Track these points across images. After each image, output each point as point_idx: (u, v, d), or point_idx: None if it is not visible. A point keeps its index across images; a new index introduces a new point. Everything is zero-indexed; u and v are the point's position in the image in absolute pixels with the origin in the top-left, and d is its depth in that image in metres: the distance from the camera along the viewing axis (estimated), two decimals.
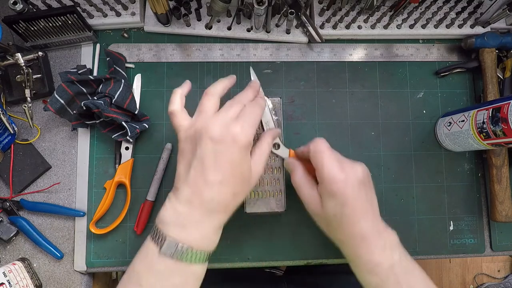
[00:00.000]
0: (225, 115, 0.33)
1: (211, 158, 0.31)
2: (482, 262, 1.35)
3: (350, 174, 0.34)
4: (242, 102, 0.34)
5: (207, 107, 0.33)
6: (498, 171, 0.49)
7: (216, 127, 0.31)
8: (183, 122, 0.34)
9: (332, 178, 0.33)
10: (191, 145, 0.33)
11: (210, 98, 0.34)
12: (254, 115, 0.34)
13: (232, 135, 0.31)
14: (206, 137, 0.31)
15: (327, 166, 0.34)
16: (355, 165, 0.35)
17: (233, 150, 0.31)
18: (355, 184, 0.34)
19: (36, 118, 0.50)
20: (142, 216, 0.47)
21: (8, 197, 0.48)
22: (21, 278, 0.44)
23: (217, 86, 0.35)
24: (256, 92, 0.37)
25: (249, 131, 0.32)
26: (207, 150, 0.31)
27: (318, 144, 0.36)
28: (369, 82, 0.53)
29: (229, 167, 0.32)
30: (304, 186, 0.37)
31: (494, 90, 0.50)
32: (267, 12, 0.47)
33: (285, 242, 0.50)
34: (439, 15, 0.53)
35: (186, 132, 0.33)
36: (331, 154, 0.35)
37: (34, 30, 0.46)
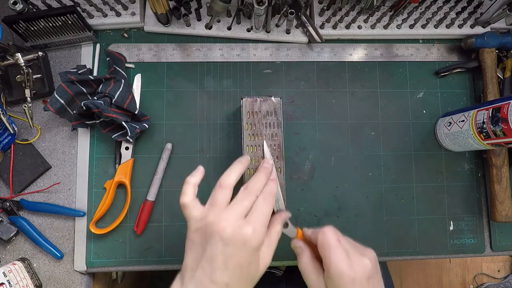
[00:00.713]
0: (237, 211, 0.32)
1: (220, 260, 0.31)
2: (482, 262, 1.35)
3: (359, 271, 0.33)
4: (254, 194, 0.34)
5: (219, 200, 0.33)
6: (498, 171, 0.49)
7: (228, 227, 0.31)
8: (195, 213, 0.33)
9: (340, 275, 0.33)
10: (201, 239, 0.32)
11: (223, 189, 0.34)
12: (266, 211, 0.34)
13: (243, 237, 0.31)
14: (217, 236, 0.31)
15: (334, 262, 0.33)
16: (364, 257, 0.34)
17: (243, 253, 0.31)
18: (363, 281, 0.33)
19: (36, 118, 0.50)
20: (142, 216, 0.47)
21: (8, 197, 0.48)
22: (21, 278, 0.44)
23: (231, 176, 0.35)
24: (269, 175, 0.37)
25: (260, 232, 0.32)
26: (217, 251, 0.31)
27: (326, 236, 0.35)
28: (369, 82, 0.53)
29: (238, 270, 0.31)
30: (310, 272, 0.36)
31: (494, 90, 0.50)
32: (267, 12, 0.47)
33: (285, 242, 0.49)
34: (439, 15, 0.53)
35: (197, 224, 0.33)
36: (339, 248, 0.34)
37: (34, 30, 0.46)
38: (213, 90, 0.52)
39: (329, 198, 0.51)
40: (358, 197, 0.51)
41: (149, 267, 0.48)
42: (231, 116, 0.51)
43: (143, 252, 0.48)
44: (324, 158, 0.51)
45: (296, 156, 0.51)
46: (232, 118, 0.51)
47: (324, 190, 0.51)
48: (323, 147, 0.51)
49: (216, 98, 0.51)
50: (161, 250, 0.48)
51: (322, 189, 0.51)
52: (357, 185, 0.51)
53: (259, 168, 0.37)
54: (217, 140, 0.50)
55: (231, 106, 0.51)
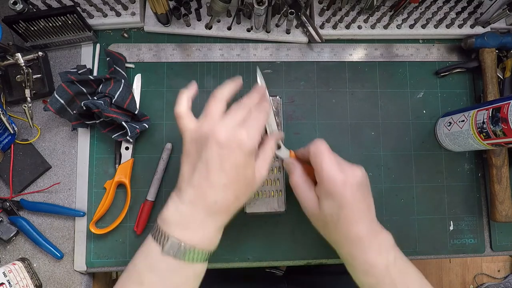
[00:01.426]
0: (231, 119, 0.33)
1: (216, 162, 0.31)
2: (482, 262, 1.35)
3: (350, 176, 0.34)
4: (248, 106, 0.35)
5: (213, 111, 0.34)
6: (498, 171, 0.49)
7: (223, 132, 0.31)
8: (189, 125, 0.34)
9: (331, 179, 0.34)
10: (196, 148, 0.33)
11: (216, 102, 0.34)
12: (260, 120, 0.34)
13: (238, 140, 0.31)
14: (212, 141, 0.31)
15: (326, 166, 0.34)
16: (355, 167, 0.36)
17: (239, 155, 0.32)
18: (354, 186, 0.34)
19: (36, 118, 0.50)
20: (142, 216, 0.47)
21: (8, 197, 0.48)
22: (21, 278, 0.44)
23: (224, 90, 0.35)
24: (262, 96, 0.37)
25: (254, 137, 0.33)
26: (213, 153, 0.31)
27: (317, 145, 0.36)
28: (369, 82, 0.53)
29: (234, 171, 0.32)
30: (301, 186, 0.37)
31: (494, 90, 0.50)
32: (267, 12, 0.47)
33: (285, 242, 0.50)
34: (439, 15, 0.53)
35: (192, 135, 0.34)
36: (331, 156, 0.35)
37: (34, 30, 0.46)
38: (213, 90, 0.51)
39: None
40: None
41: None
42: None
43: None
44: None
45: None
46: None
47: None
48: None
49: None
50: None
51: None
52: None
53: (252, 90, 0.37)
54: None
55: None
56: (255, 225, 0.49)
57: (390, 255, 0.35)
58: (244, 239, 0.49)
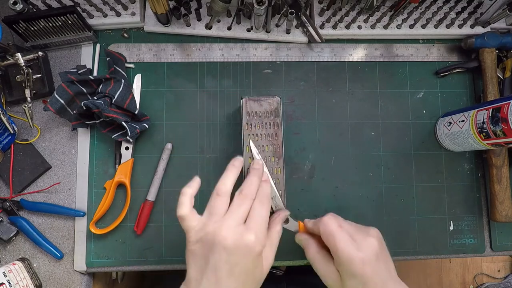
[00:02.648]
0: (236, 218, 0.32)
1: (225, 269, 0.31)
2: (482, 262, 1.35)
3: (366, 251, 0.33)
4: (250, 198, 0.34)
5: (217, 209, 0.33)
6: (498, 171, 0.49)
7: (229, 236, 0.31)
8: (193, 224, 0.33)
9: (349, 260, 0.33)
10: (202, 249, 0.32)
11: (221, 199, 0.33)
12: (264, 214, 0.34)
13: (246, 244, 0.31)
14: (220, 246, 0.31)
15: (341, 248, 0.33)
16: (369, 237, 0.35)
17: (248, 260, 0.31)
18: (373, 260, 0.33)
19: (36, 118, 0.50)
20: (142, 216, 0.47)
21: (8, 197, 0.48)
22: (21, 278, 0.44)
23: (227, 182, 0.35)
24: (261, 176, 0.37)
25: (262, 237, 0.32)
26: (221, 260, 0.31)
27: (327, 225, 0.35)
28: (369, 82, 0.53)
29: (243, 275, 0.31)
30: (320, 262, 0.36)
31: (494, 90, 0.50)
32: (267, 12, 0.47)
33: (285, 242, 0.49)
34: (439, 15, 0.53)
35: (197, 234, 0.33)
36: (342, 233, 0.34)
37: (34, 30, 0.46)
38: (213, 90, 0.52)
39: (329, 198, 0.51)
40: (358, 197, 0.51)
41: (149, 267, 0.48)
42: (231, 116, 0.51)
43: (143, 252, 0.48)
44: (324, 158, 0.51)
45: (296, 156, 0.51)
46: (232, 118, 0.51)
47: (324, 190, 0.51)
48: (323, 147, 0.51)
49: (216, 98, 0.51)
50: (161, 250, 0.48)
51: (322, 189, 0.51)
52: (357, 185, 0.51)
53: (250, 170, 0.37)
54: (217, 140, 0.50)
55: (231, 106, 0.51)
56: None
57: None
58: None
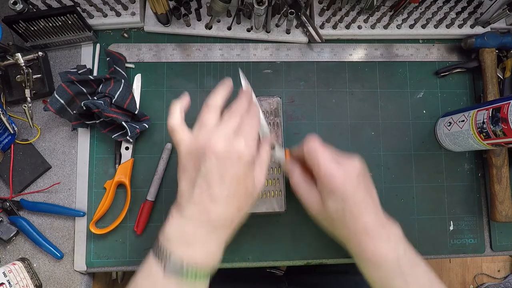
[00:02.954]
0: (226, 128, 0.32)
1: (216, 175, 0.31)
2: (482, 262, 1.35)
3: (348, 169, 0.34)
4: (239, 113, 0.34)
5: (208, 120, 0.33)
6: (498, 171, 0.49)
7: (220, 143, 0.31)
8: (184, 137, 0.33)
9: (330, 175, 0.33)
10: (193, 161, 0.32)
11: (210, 111, 0.33)
12: (253, 126, 0.34)
13: (236, 150, 0.31)
14: (210, 153, 0.30)
15: (323, 164, 0.34)
16: (351, 159, 0.35)
17: (238, 166, 0.31)
18: (354, 178, 0.34)
19: (36, 118, 0.50)
20: (142, 216, 0.47)
21: (8, 197, 0.48)
22: (21, 278, 0.44)
23: (217, 97, 0.35)
24: (250, 99, 0.37)
25: (252, 145, 0.32)
26: (212, 166, 0.30)
27: (310, 143, 0.35)
28: (369, 82, 0.53)
29: (235, 183, 0.31)
30: (302, 187, 0.37)
31: (494, 90, 0.50)
32: (267, 12, 0.47)
33: (285, 242, 0.49)
34: (439, 15, 0.53)
35: (187, 147, 0.33)
36: (326, 152, 0.35)
37: (34, 30, 0.46)
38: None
39: None
40: None
41: None
42: None
43: (143, 252, 0.48)
44: None
45: None
46: None
47: None
48: None
49: None
50: None
51: None
52: None
53: (239, 95, 0.37)
54: None
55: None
56: (255, 225, 0.49)
57: (400, 247, 0.35)
58: (244, 239, 0.49)
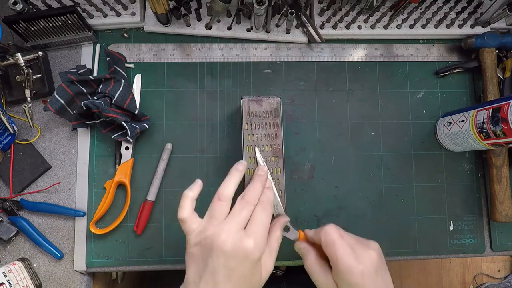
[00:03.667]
0: (236, 223, 0.32)
1: (223, 273, 0.31)
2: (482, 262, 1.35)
3: (367, 263, 0.33)
4: (252, 203, 0.34)
5: (218, 213, 0.33)
6: (498, 171, 0.49)
7: (228, 240, 0.31)
8: (193, 227, 0.33)
9: (349, 270, 0.33)
10: (201, 252, 0.32)
11: (222, 202, 0.33)
12: (265, 222, 0.33)
13: (244, 250, 0.31)
14: (218, 250, 0.30)
15: (341, 258, 0.33)
16: (369, 249, 0.35)
17: (246, 265, 0.31)
18: (372, 273, 0.33)
19: (36, 118, 0.50)
20: (142, 216, 0.47)
21: (8, 197, 0.48)
22: (21, 278, 0.44)
23: (229, 187, 0.34)
24: (264, 182, 0.37)
25: (261, 243, 0.32)
26: (219, 264, 0.31)
27: (329, 234, 0.35)
28: (369, 82, 0.53)
29: (242, 281, 0.31)
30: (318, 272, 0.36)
31: (494, 90, 0.50)
32: (267, 12, 0.47)
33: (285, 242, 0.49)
34: (439, 15, 0.53)
35: (196, 237, 0.33)
36: (343, 243, 0.34)
37: (34, 30, 0.46)
38: (213, 90, 0.52)
39: (329, 198, 0.51)
40: (358, 197, 0.51)
41: (149, 267, 0.48)
42: (231, 116, 0.51)
43: (143, 252, 0.48)
44: (324, 158, 0.51)
45: (296, 156, 0.51)
46: (232, 118, 0.51)
47: (324, 190, 0.51)
48: (323, 147, 0.51)
49: (216, 98, 0.51)
50: (161, 250, 0.48)
51: (322, 189, 0.51)
52: (357, 185, 0.51)
53: (254, 177, 0.37)
54: (217, 140, 0.50)
55: (231, 106, 0.51)
56: None
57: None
58: None
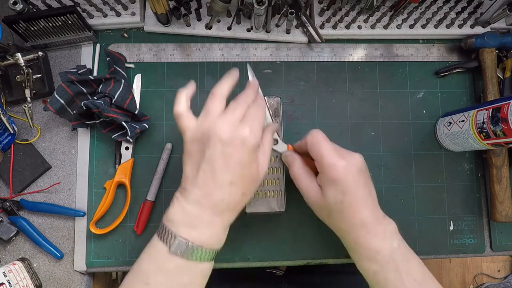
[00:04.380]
0: (232, 116, 0.33)
1: (221, 160, 0.31)
2: (482, 262, 1.35)
3: (350, 162, 0.35)
4: (246, 103, 0.34)
5: (213, 108, 0.33)
6: (498, 171, 0.49)
7: (225, 129, 0.31)
8: (189, 123, 0.34)
9: (333, 165, 0.34)
10: (198, 147, 0.33)
11: (216, 99, 0.34)
12: (259, 116, 0.34)
13: (241, 137, 0.31)
14: (215, 138, 0.31)
15: (326, 154, 0.34)
16: (353, 153, 0.36)
17: (243, 152, 0.31)
18: (355, 171, 0.34)
19: (36, 118, 0.50)
20: (142, 216, 0.47)
21: (8, 197, 0.48)
22: (21, 278, 0.44)
23: (222, 86, 0.35)
24: (256, 92, 0.37)
25: (257, 132, 0.33)
26: (217, 151, 0.31)
27: (315, 135, 0.36)
28: (369, 82, 0.53)
29: (239, 168, 0.32)
30: (303, 177, 0.37)
31: (494, 90, 0.50)
32: (267, 12, 0.47)
33: (285, 242, 0.49)
34: (439, 15, 0.53)
35: (193, 133, 0.33)
36: (329, 143, 0.36)
37: (34, 30, 0.46)
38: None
39: None
40: None
41: None
42: None
43: None
44: None
45: None
46: None
47: None
48: None
49: None
50: None
51: None
52: None
53: (246, 86, 0.37)
54: None
55: None
56: (255, 225, 0.49)
57: (394, 241, 0.36)
58: (244, 239, 0.49)
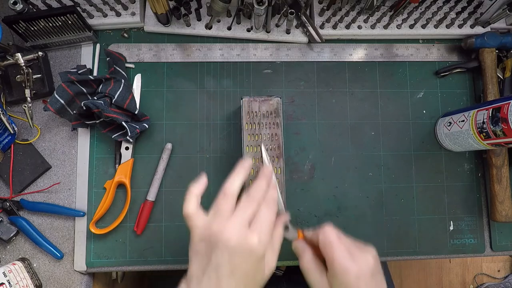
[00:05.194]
0: (241, 218, 0.32)
1: (226, 269, 0.31)
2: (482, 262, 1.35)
3: (362, 266, 0.33)
4: (257, 200, 0.34)
5: (223, 209, 0.33)
6: (498, 171, 0.49)
7: (233, 236, 0.31)
8: (198, 223, 0.33)
9: (344, 271, 0.33)
10: (205, 248, 0.32)
11: (227, 198, 0.33)
12: (269, 218, 0.34)
13: (249, 246, 0.31)
14: (223, 245, 0.30)
15: (338, 258, 0.33)
16: (366, 253, 0.35)
17: (250, 262, 0.31)
18: (368, 277, 0.33)
19: (36, 118, 0.50)
20: (142, 216, 0.47)
21: (8, 197, 0.48)
22: (21, 278, 0.44)
23: (235, 183, 0.34)
24: (270, 181, 0.36)
25: (266, 241, 0.32)
26: (223, 260, 0.31)
27: (327, 234, 0.35)
28: (369, 82, 0.53)
29: (245, 277, 0.31)
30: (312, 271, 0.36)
31: (494, 90, 0.50)
32: (267, 12, 0.47)
33: (285, 242, 0.49)
34: (439, 15, 0.53)
35: (201, 233, 0.33)
36: (341, 245, 0.34)
37: (34, 30, 0.46)
38: (213, 90, 0.52)
39: (329, 198, 0.51)
40: (358, 197, 0.51)
41: (149, 267, 0.48)
42: (231, 116, 0.51)
43: (143, 252, 0.48)
44: (324, 158, 0.51)
45: (296, 156, 0.51)
46: (232, 118, 0.51)
47: (324, 190, 0.51)
48: (323, 147, 0.51)
49: (216, 98, 0.51)
50: (161, 250, 0.48)
51: (322, 189, 0.51)
52: (357, 185, 0.51)
53: (260, 175, 0.37)
54: (217, 140, 0.50)
55: (231, 106, 0.51)
56: None
57: None
58: None
